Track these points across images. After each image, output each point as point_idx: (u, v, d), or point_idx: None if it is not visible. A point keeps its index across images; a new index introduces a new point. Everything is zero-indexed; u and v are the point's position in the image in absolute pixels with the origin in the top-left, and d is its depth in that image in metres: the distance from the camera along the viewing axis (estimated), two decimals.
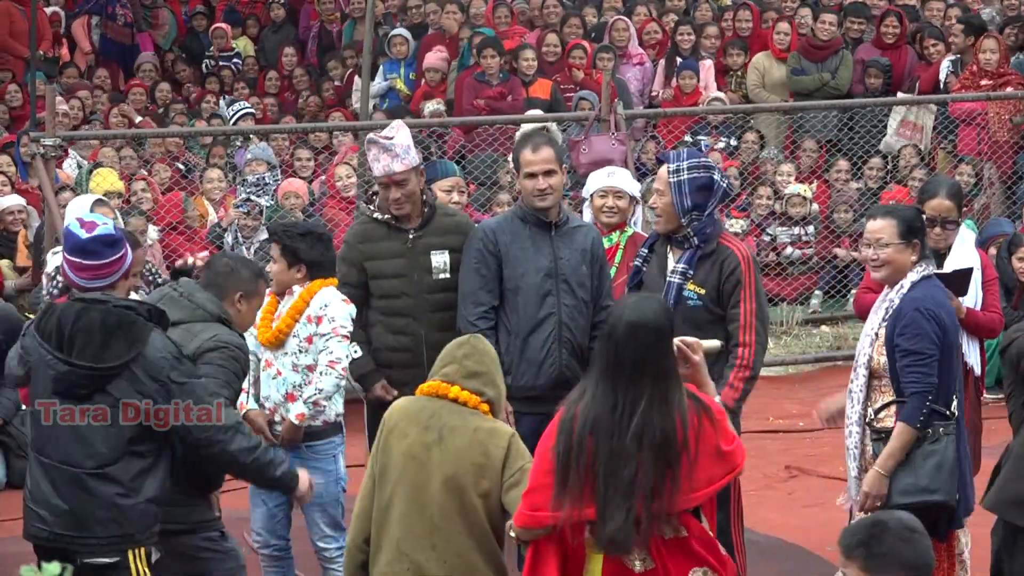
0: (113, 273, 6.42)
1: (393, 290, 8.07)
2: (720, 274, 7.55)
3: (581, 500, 5.64)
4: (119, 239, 6.45)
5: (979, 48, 14.21)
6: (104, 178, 13.10)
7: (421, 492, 6.16)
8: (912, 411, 6.95)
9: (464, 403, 6.24)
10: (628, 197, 8.97)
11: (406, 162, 7.99)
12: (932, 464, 6.99)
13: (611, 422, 5.64)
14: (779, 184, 14.01)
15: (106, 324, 6.18)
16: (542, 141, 8.02)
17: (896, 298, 7.10)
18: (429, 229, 8.09)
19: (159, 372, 6.19)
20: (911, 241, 7.12)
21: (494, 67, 14.91)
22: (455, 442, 6.16)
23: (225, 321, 6.78)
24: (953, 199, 8.35)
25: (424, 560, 6.13)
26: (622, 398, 5.65)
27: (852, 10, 15.81)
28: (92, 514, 6.16)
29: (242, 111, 15.61)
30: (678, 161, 7.58)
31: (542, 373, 7.83)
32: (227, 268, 7.01)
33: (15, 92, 16.53)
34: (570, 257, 7.91)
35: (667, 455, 5.62)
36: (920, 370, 6.95)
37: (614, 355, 5.69)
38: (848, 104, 14.50)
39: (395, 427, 6.28)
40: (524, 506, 5.81)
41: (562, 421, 5.74)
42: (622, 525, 5.59)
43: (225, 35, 18.27)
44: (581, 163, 12.05)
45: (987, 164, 13.87)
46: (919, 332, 6.97)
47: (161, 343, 6.23)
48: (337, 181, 13.45)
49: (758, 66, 15.33)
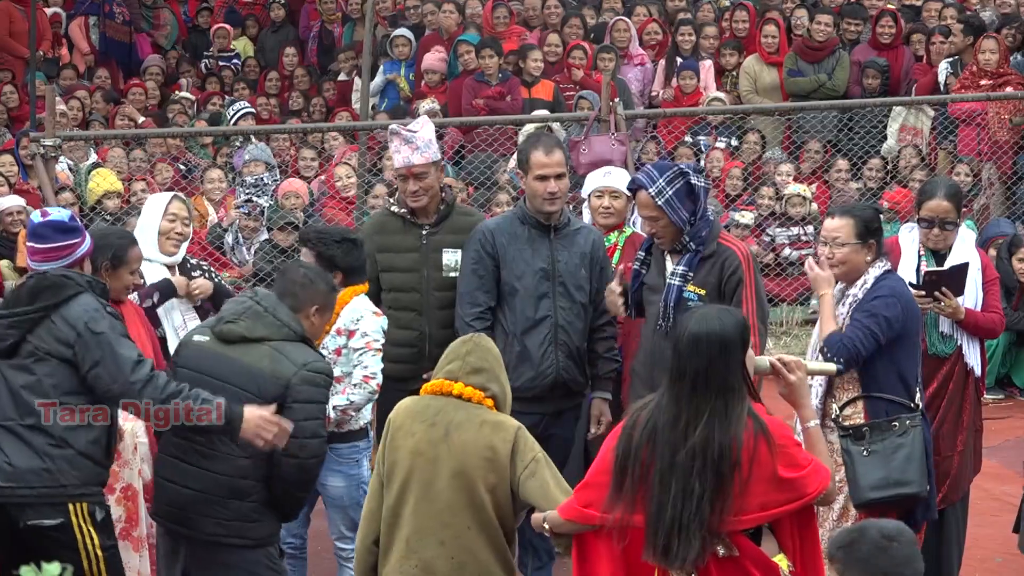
0: (62, 258, 6.67)
1: (403, 284, 8.10)
2: (721, 274, 7.54)
3: (632, 506, 5.63)
4: (73, 228, 6.73)
5: (979, 48, 14.21)
6: (104, 178, 13.10)
7: (429, 488, 6.17)
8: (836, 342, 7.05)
9: (469, 399, 6.26)
10: (625, 197, 8.94)
11: (426, 155, 8.04)
12: (902, 457, 7.03)
13: (672, 433, 5.60)
14: (779, 184, 14.01)
15: (37, 286, 6.51)
16: (553, 143, 8.02)
17: (860, 294, 7.20)
18: (444, 226, 8.13)
19: (76, 321, 6.39)
20: (867, 242, 7.23)
21: (493, 67, 14.91)
22: (462, 437, 6.18)
23: (307, 340, 6.68)
24: (952, 200, 8.33)
25: (432, 556, 6.15)
26: (685, 410, 5.61)
27: (849, 11, 15.80)
28: (26, 463, 6.33)
29: (242, 111, 15.60)
30: (654, 181, 7.48)
31: (539, 374, 7.83)
32: (306, 280, 6.85)
33: (11, 93, 16.52)
34: (568, 260, 7.90)
35: (721, 470, 5.56)
36: (863, 327, 7.07)
37: (677, 366, 5.64)
38: (848, 105, 14.50)
39: (401, 426, 6.30)
40: (576, 500, 5.81)
41: (625, 425, 5.73)
42: (677, 537, 5.56)
43: (227, 35, 18.27)
44: (581, 163, 12.04)
45: (987, 164, 13.86)
46: (874, 309, 7.09)
47: (86, 301, 6.45)
48: (336, 181, 13.44)
49: (749, 71, 15.31)
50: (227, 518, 6.52)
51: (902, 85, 15.08)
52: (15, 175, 13.58)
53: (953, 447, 8.23)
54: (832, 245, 7.23)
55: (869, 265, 7.24)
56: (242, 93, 16.87)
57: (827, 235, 7.28)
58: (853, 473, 7.07)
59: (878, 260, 7.26)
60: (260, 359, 6.52)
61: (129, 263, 7.47)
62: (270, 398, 6.48)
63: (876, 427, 7.11)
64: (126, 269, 7.45)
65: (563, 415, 7.90)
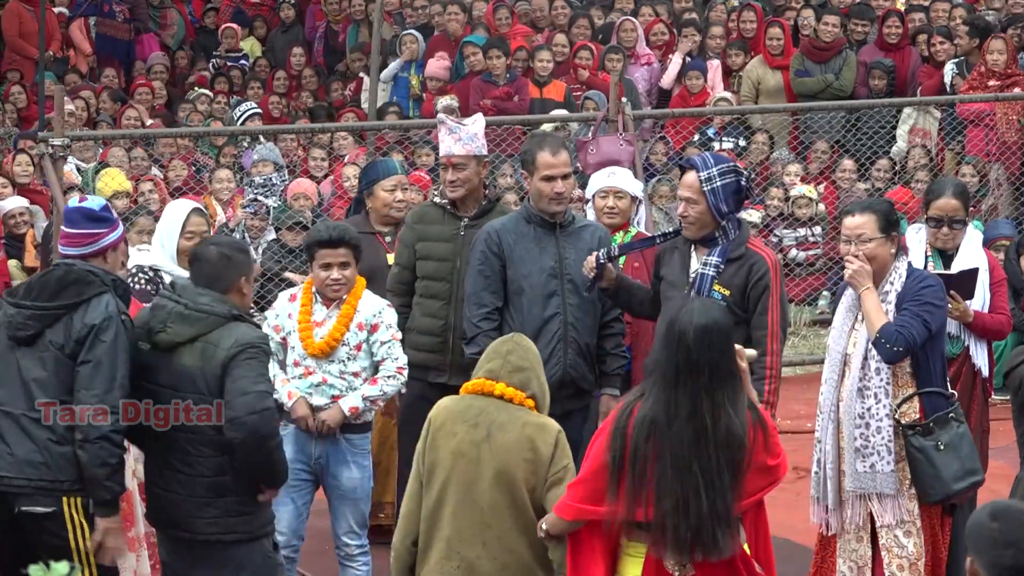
0: (86, 245, 6.71)
1: (435, 273, 8.23)
2: (748, 278, 7.51)
3: (634, 503, 5.71)
4: (102, 217, 6.76)
5: (986, 49, 14.19)
6: (112, 178, 13.11)
7: (471, 489, 6.18)
8: (891, 332, 7.04)
9: (510, 399, 6.27)
10: (629, 197, 8.95)
11: (468, 148, 8.20)
12: (967, 446, 7.14)
13: (688, 426, 5.67)
14: (787, 186, 14.01)
15: (63, 279, 6.56)
16: (559, 144, 8.05)
17: (899, 287, 7.17)
18: (484, 221, 8.20)
19: (91, 321, 6.45)
20: (891, 234, 7.22)
21: (500, 67, 14.92)
22: (504, 438, 6.19)
23: (237, 317, 6.65)
24: (960, 198, 8.35)
25: (475, 557, 6.16)
26: (705, 401, 5.69)
27: (856, 11, 15.79)
28: (25, 455, 6.41)
29: (249, 111, 15.62)
30: (707, 168, 7.52)
31: (547, 372, 7.80)
32: (223, 257, 6.76)
33: (19, 93, 16.54)
34: (575, 257, 7.90)
35: (739, 460, 5.72)
36: (917, 314, 7.07)
37: (686, 360, 5.70)
38: (856, 105, 14.49)
39: (442, 426, 6.29)
40: (570, 498, 5.89)
41: (616, 422, 5.80)
42: (713, 528, 5.67)
43: (234, 35, 18.28)
44: (589, 164, 12.03)
45: (995, 165, 13.85)
46: (928, 300, 7.12)
47: (107, 303, 6.49)
48: (345, 182, 13.45)
49: (751, 75, 15.29)
50: (216, 516, 6.53)
51: (909, 86, 15.07)
52: (29, 175, 13.61)
53: None
54: (857, 243, 7.19)
55: (894, 258, 7.23)
56: (256, 92, 16.87)
57: (850, 233, 7.23)
58: (932, 468, 7.10)
59: (900, 254, 7.26)
60: (196, 359, 6.53)
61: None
62: (214, 392, 6.51)
63: (939, 421, 7.16)
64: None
65: (571, 416, 7.89)
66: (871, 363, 7.16)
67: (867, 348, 7.16)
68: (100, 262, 6.70)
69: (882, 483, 7.17)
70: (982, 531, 4.62)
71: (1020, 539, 4.59)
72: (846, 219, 7.32)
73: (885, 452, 7.13)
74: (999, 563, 4.56)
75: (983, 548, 4.60)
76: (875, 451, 7.16)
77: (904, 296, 7.15)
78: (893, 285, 7.19)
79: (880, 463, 7.15)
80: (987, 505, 4.72)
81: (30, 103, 16.41)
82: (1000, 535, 4.59)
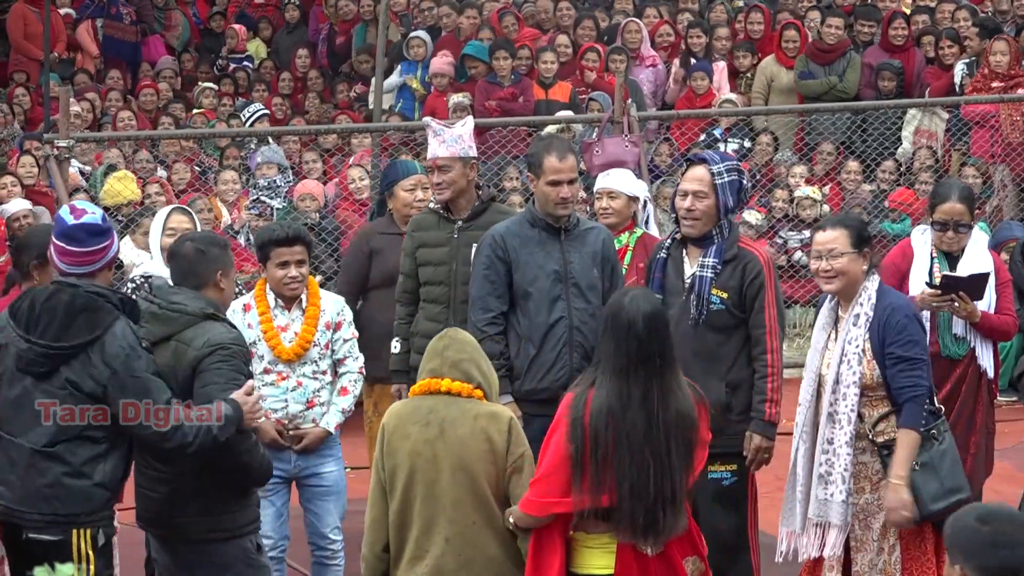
0: (95, 262, 6.43)
1: (433, 277, 8.28)
2: (743, 278, 7.52)
3: (598, 492, 5.96)
4: (105, 229, 6.48)
5: (990, 50, 14.20)
6: (125, 186, 13.09)
7: (432, 487, 6.21)
8: (914, 415, 6.88)
9: (458, 393, 6.30)
10: (624, 197, 8.92)
11: (452, 150, 8.22)
12: (949, 463, 6.95)
13: (639, 413, 5.98)
14: (791, 187, 14.01)
15: (71, 306, 6.25)
16: (566, 148, 8.04)
17: (868, 310, 7.00)
18: (478, 223, 8.24)
19: (112, 360, 6.19)
20: (863, 250, 7.06)
21: (506, 69, 14.95)
22: (457, 432, 6.23)
23: (211, 316, 6.57)
24: (965, 202, 8.36)
25: (439, 555, 6.18)
26: (655, 387, 6.02)
27: (862, 13, 15.80)
28: (37, 490, 6.22)
29: (257, 113, 15.65)
30: (717, 163, 7.56)
31: (552, 376, 7.80)
32: (198, 253, 6.71)
33: (23, 96, 16.55)
34: (580, 260, 7.89)
35: (687, 436, 6.07)
36: (915, 374, 6.91)
37: (637, 349, 6.01)
38: (861, 107, 14.49)
39: (395, 430, 6.32)
40: (535, 494, 6.03)
41: (572, 414, 6.02)
42: (663, 510, 5.98)
43: (237, 36, 18.29)
44: (594, 165, 12.06)
45: (1000, 166, 13.85)
46: (912, 338, 6.95)
47: (122, 332, 6.22)
48: (350, 183, 13.47)
49: (765, 71, 15.31)
50: (196, 514, 6.51)
51: (914, 87, 15.08)
52: (34, 177, 13.61)
53: (966, 449, 8.25)
54: (828, 258, 7.04)
55: (865, 276, 7.07)
56: (261, 94, 16.88)
57: (821, 248, 7.07)
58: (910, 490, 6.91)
59: (872, 272, 7.10)
60: (169, 358, 6.48)
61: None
62: (188, 390, 6.47)
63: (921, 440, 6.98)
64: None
65: None
66: (840, 387, 7.01)
67: (838, 371, 7.02)
68: (106, 275, 6.49)
69: (833, 512, 7.00)
70: (972, 536, 4.60)
71: (1012, 540, 4.58)
72: (817, 234, 7.16)
73: (840, 481, 6.96)
74: (993, 565, 4.55)
75: (974, 552, 4.58)
76: (835, 479, 6.99)
77: (882, 333, 6.95)
78: (863, 307, 7.01)
79: (835, 491, 6.99)
80: (971, 509, 4.70)
81: (35, 105, 16.42)
82: (992, 537, 4.57)
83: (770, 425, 7.45)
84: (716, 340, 7.49)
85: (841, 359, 7.00)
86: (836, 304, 7.17)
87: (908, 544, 6.97)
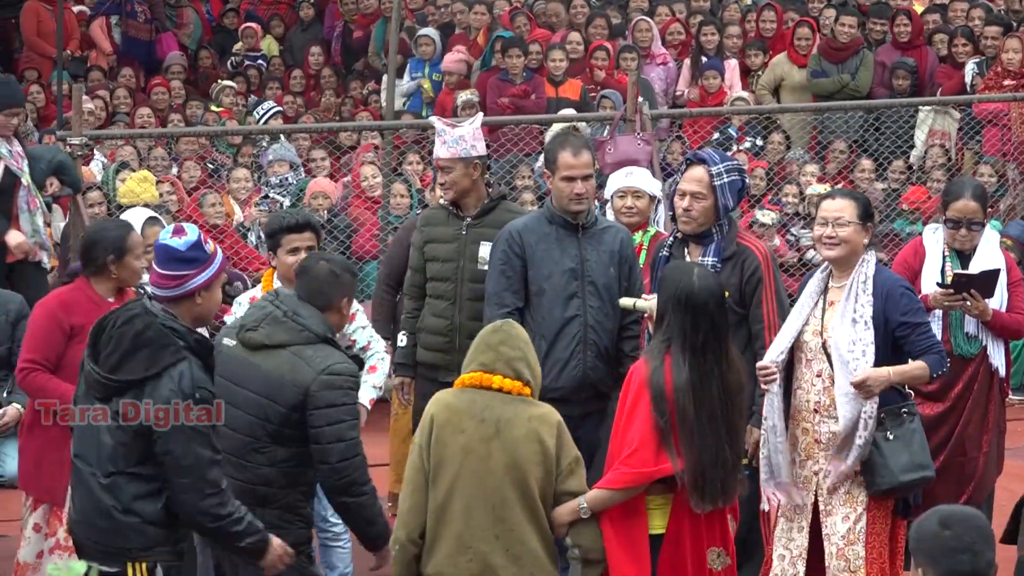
0: (173, 287, 6.15)
1: (440, 274, 8.29)
2: (742, 274, 7.59)
3: (676, 455, 6.40)
4: (190, 258, 6.16)
5: (1002, 48, 14.18)
6: (144, 188, 13.08)
7: (482, 485, 6.30)
8: (939, 361, 7.19)
9: (509, 391, 6.39)
10: (648, 196, 8.97)
11: (453, 151, 8.24)
12: (918, 442, 7.12)
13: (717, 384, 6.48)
14: (803, 185, 13.99)
15: (139, 337, 6.02)
16: (581, 144, 8.05)
17: (863, 285, 7.16)
18: (487, 220, 8.27)
19: (162, 402, 5.97)
20: (866, 224, 7.27)
21: (519, 66, 14.96)
22: (512, 433, 6.33)
23: (331, 340, 6.57)
24: (978, 200, 8.36)
25: (488, 551, 6.28)
26: (722, 361, 6.51)
27: (875, 11, 15.79)
28: (95, 520, 6.11)
29: (271, 111, 15.66)
30: (717, 164, 7.62)
31: (566, 374, 7.83)
32: (332, 275, 6.70)
33: (37, 93, 16.57)
34: (597, 259, 7.90)
35: (738, 401, 6.61)
36: (929, 335, 7.20)
37: (710, 328, 6.50)
38: (874, 105, 14.47)
39: (446, 423, 6.38)
40: (633, 465, 6.42)
41: (655, 391, 6.43)
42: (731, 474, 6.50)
43: (255, 35, 18.30)
44: (607, 163, 12.06)
45: (1011, 165, 13.84)
46: (916, 306, 7.24)
47: (180, 376, 5.98)
48: (363, 181, 13.48)
49: (776, 69, 15.30)
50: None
51: (927, 85, 15.06)
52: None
53: (978, 448, 8.25)
54: (834, 225, 7.21)
55: (865, 250, 7.24)
56: (274, 92, 16.89)
57: (828, 215, 7.25)
58: (881, 458, 7.05)
59: (870, 248, 7.28)
60: (280, 366, 6.46)
61: (132, 250, 7.57)
62: (288, 406, 6.44)
63: (891, 413, 7.12)
64: (131, 256, 7.56)
65: (589, 418, 7.89)
66: (856, 347, 7.11)
67: (849, 334, 7.12)
68: (189, 305, 6.16)
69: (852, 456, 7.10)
70: (935, 540, 4.65)
71: (974, 543, 4.63)
72: (825, 202, 7.36)
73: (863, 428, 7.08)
74: (956, 569, 4.60)
75: (938, 556, 4.63)
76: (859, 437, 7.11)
77: (882, 304, 7.11)
78: (867, 274, 7.17)
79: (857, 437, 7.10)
80: (932, 514, 4.74)
81: (48, 103, 16.45)
82: (954, 541, 4.63)
83: None
84: None
85: (851, 323, 7.12)
86: (828, 275, 7.31)
87: (873, 515, 7.12)
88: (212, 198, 12.84)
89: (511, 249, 7.91)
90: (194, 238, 6.17)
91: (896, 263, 8.56)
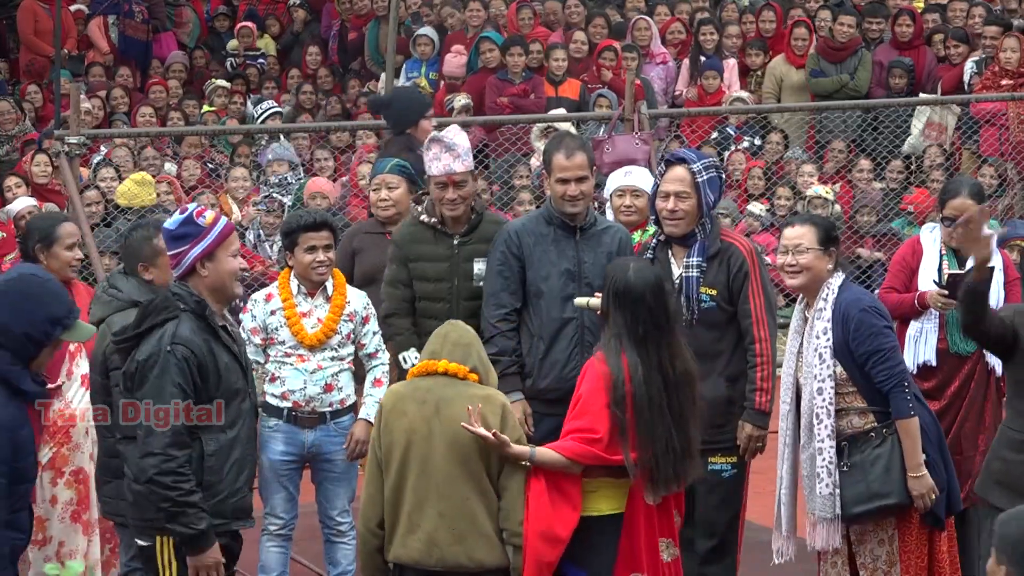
0: (176, 266, 6.28)
1: (432, 294, 8.10)
2: (728, 271, 7.61)
3: (628, 445, 6.49)
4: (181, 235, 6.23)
5: (1000, 47, 14.18)
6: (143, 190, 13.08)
7: (427, 463, 6.42)
8: (901, 404, 6.99)
9: (454, 374, 6.52)
10: (646, 195, 8.96)
11: (466, 163, 8.05)
12: (880, 469, 7.00)
13: (659, 374, 6.57)
14: (801, 185, 14.00)
15: (147, 306, 6.21)
16: (576, 146, 7.99)
17: (828, 306, 7.08)
18: (475, 236, 8.12)
19: (140, 354, 6.11)
20: (828, 249, 7.15)
21: (519, 65, 14.95)
22: (452, 411, 6.44)
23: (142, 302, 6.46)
24: (975, 199, 8.35)
25: (433, 528, 6.39)
26: (664, 351, 6.59)
27: (870, 10, 15.80)
28: (122, 492, 6.36)
29: (270, 110, 15.66)
30: (696, 162, 7.64)
31: (563, 376, 7.79)
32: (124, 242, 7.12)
33: (35, 92, 16.57)
34: (594, 260, 7.87)
35: (692, 391, 6.68)
36: (887, 365, 7.02)
37: (650, 318, 6.58)
38: (872, 104, 14.49)
39: (392, 408, 6.53)
40: (586, 444, 6.50)
41: (613, 382, 6.51)
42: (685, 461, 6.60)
43: (251, 34, 18.30)
44: (605, 163, 12.06)
45: (1008, 164, 13.84)
46: (872, 330, 7.03)
47: (163, 332, 6.07)
48: (360, 180, 13.48)
49: (775, 71, 15.31)
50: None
51: (925, 85, 15.07)
52: (48, 175, 13.65)
53: (975, 446, 8.25)
54: (794, 252, 7.13)
55: (830, 275, 7.15)
56: (271, 91, 16.90)
57: (788, 243, 7.17)
58: (837, 488, 7.02)
59: (837, 271, 7.19)
60: (96, 340, 6.77)
61: (61, 240, 7.64)
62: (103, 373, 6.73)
63: (853, 441, 7.06)
64: (60, 246, 7.64)
65: None
66: (815, 383, 7.07)
67: (813, 369, 7.09)
68: (196, 279, 6.22)
69: (820, 506, 7.07)
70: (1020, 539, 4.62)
71: None
72: (785, 230, 7.28)
73: (825, 475, 7.03)
74: None
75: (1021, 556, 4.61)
76: (822, 471, 7.06)
77: (840, 330, 7.02)
78: (827, 301, 7.08)
79: (820, 485, 7.05)
80: (1019, 514, 4.71)
81: (46, 102, 16.45)
82: None
83: (760, 414, 7.55)
84: (711, 337, 7.57)
85: (813, 356, 7.07)
86: (804, 306, 7.26)
87: (904, 532, 7.04)
88: (207, 199, 12.85)
89: (509, 250, 7.88)
90: (184, 216, 6.24)
91: (894, 262, 8.58)
